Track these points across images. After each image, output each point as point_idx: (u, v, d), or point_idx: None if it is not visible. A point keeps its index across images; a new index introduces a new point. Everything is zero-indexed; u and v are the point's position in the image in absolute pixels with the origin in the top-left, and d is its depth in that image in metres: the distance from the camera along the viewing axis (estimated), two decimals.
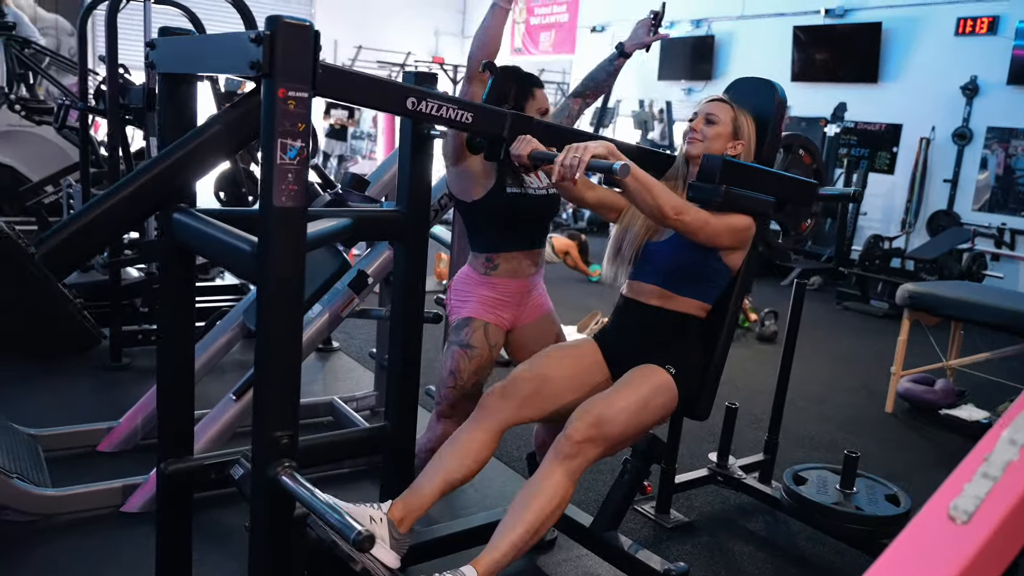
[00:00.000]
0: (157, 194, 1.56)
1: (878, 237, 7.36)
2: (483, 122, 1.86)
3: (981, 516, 0.70)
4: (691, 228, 1.93)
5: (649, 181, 1.85)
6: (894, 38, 8.24)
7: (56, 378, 3.72)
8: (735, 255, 2.08)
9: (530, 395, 2.02)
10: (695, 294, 2.09)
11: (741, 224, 2.02)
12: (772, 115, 2.18)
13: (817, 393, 4.55)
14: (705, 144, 2.12)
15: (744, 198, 2.00)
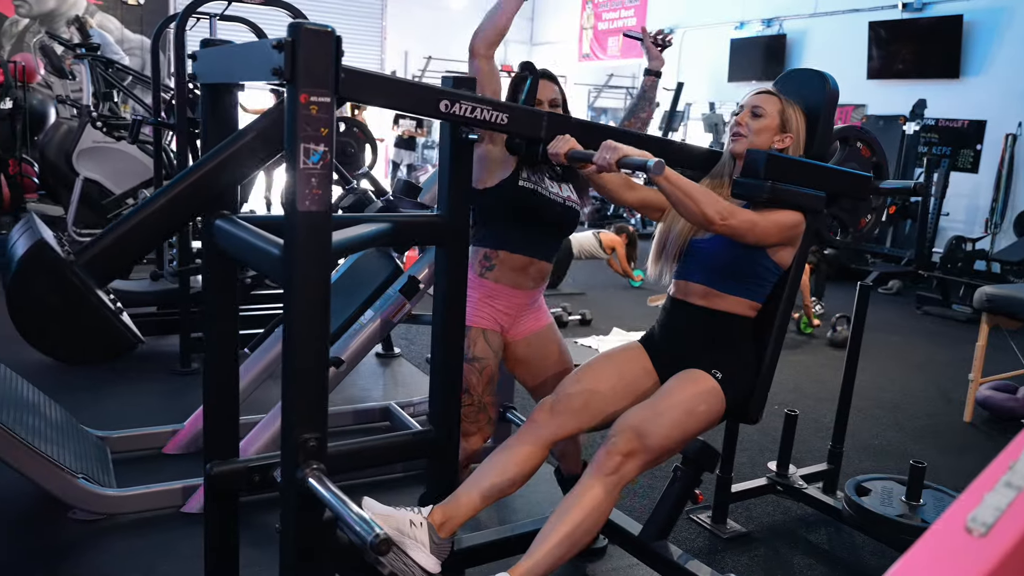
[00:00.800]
0: (193, 202, 1.60)
1: (961, 238, 7.04)
2: (520, 122, 1.85)
3: (1000, 529, 0.64)
4: (739, 231, 1.88)
5: (687, 185, 1.80)
6: (976, 31, 7.90)
7: (127, 383, 3.87)
8: (785, 252, 2.00)
9: (579, 409, 2.00)
10: (743, 292, 2.02)
11: (790, 220, 1.94)
12: (823, 107, 2.09)
13: (891, 401, 4.38)
14: (750, 139, 2.04)
15: (791, 194, 1.92)
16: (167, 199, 1.56)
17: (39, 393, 2.92)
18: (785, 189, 1.91)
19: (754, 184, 1.90)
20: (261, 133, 1.58)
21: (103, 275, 1.55)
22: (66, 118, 8.25)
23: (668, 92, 10.74)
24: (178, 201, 1.57)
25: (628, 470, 1.83)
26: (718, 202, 1.84)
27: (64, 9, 11.91)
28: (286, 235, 1.38)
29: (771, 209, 1.92)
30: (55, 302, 1.45)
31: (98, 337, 1.52)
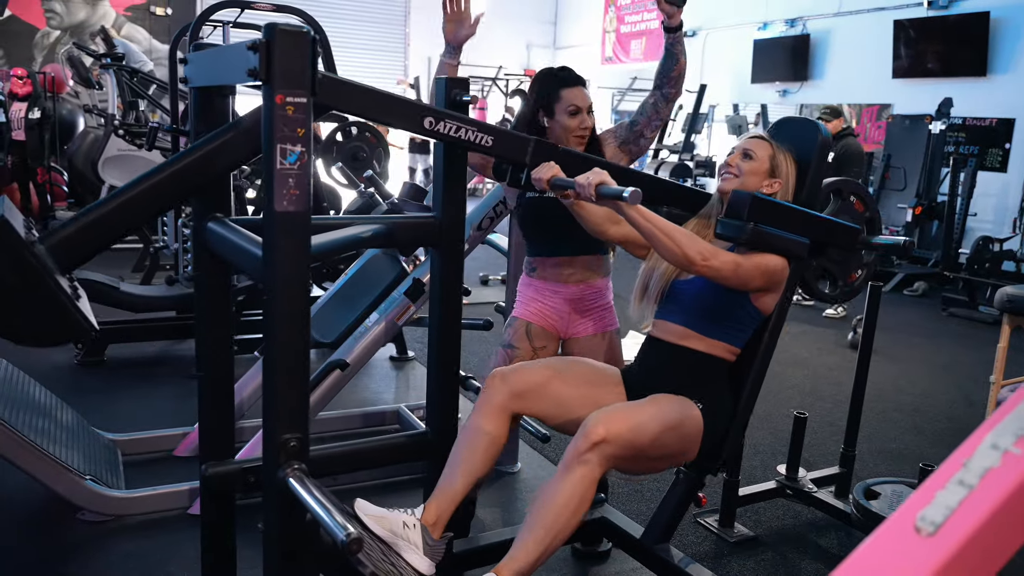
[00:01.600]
0: (163, 198, 1.60)
1: (988, 239, 6.90)
2: (505, 146, 1.84)
3: (949, 528, 0.62)
4: (721, 274, 1.84)
5: (666, 224, 1.79)
6: (1004, 28, 7.76)
7: (141, 387, 3.93)
8: (767, 298, 1.96)
9: (531, 388, 1.94)
10: (723, 336, 1.98)
11: (773, 265, 1.90)
12: (814, 156, 2.07)
13: (911, 404, 4.30)
14: (740, 180, 2.03)
15: (774, 237, 1.88)
16: (137, 193, 1.56)
17: (51, 395, 2.97)
18: (768, 232, 1.87)
19: (737, 225, 1.86)
20: (241, 131, 1.58)
21: (66, 260, 1.55)
22: (93, 127, 8.41)
23: (691, 94, 10.68)
24: (148, 196, 1.57)
25: (603, 456, 1.74)
26: (700, 243, 1.82)
27: (94, 20, 12.15)
28: (264, 236, 1.39)
29: (754, 252, 1.89)
30: (10, 281, 1.46)
31: (51, 321, 1.52)
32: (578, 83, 2.35)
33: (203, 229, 1.81)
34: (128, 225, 1.61)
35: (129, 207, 1.56)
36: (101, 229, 1.56)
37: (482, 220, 2.92)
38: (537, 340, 2.39)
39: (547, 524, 1.73)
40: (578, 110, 2.30)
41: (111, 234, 1.60)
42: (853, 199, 2.26)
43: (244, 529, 2.10)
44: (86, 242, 1.55)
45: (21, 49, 11.78)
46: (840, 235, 2.02)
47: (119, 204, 1.55)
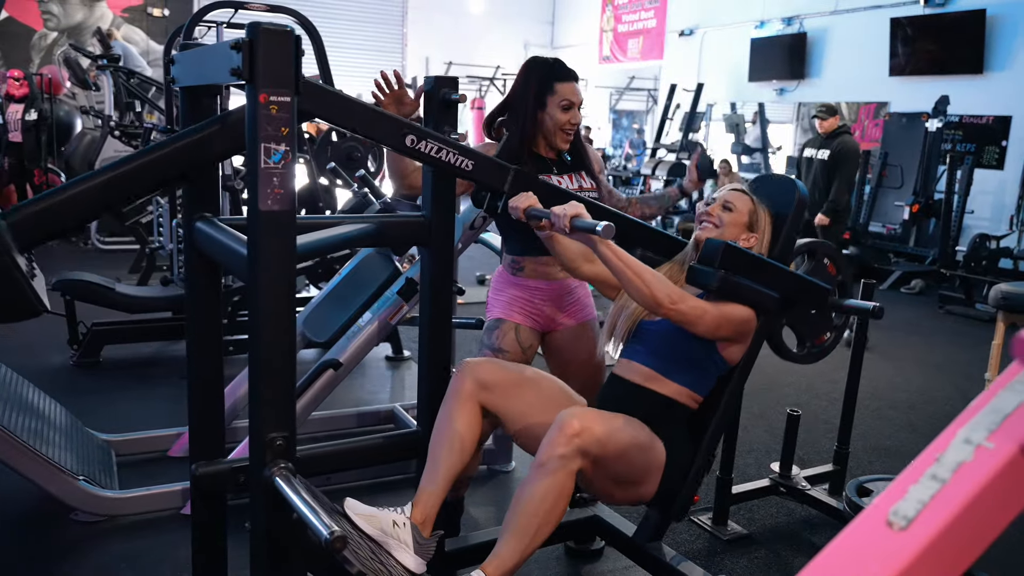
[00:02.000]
0: (132, 186, 1.58)
1: (985, 236, 6.90)
2: (484, 173, 1.83)
3: (921, 523, 0.62)
4: (688, 318, 1.83)
5: (636, 264, 1.78)
6: (1000, 25, 7.76)
7: (136, 388, 3.93)
8: (734, 348, 1.95)
9: (499, 383, 1.93)
10: (686, 382, 1.96)
11: (741, 315, 1.90)
12: (791, 213, 2.08)
13: (907, 402, 4.30)
14: (720, 231, 2.03)
15: (744, 288, 1.88)
16: (108, 179, 1.53)
17: (44, 396, 2.97)
18: (737, 281, 1.87)
19: (708, 272, 1.86)
20: (224, 127, 1.58)
21: (25, 238, 1.54)
22: (90, 128, 8.42)
23: (688, 93, 10.69)
24: (118, 183, 1.54)
25: (572, 452, 1.71)
26: (669, 285, 1.81)
27: (91, 22, 12.15)
28: (249, 235, 1.39)
29: (723, 302, 1.89)
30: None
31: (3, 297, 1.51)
32: (572, 78, 2.36)
33: (192, 229, 1.81)
34: (94, 211, 1.58)
35: (95, 193, 1.52)
36: (64, 211, 1.52)
37: (475, 219, 2.92)
38: (525, 341, 2.38)
39: (527, 521, 1.73)
40: (571, 105, 2.30)
41: (74, 218, 1.57)
42: (827, 261, 2.26)
43: (236, 529, 2.10)
44: (47, 223, 1.52)
45: (18, 51, 11.78)
46: (810, 293, 2.01)
47: (85, 189, 1.52)
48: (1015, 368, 0.72)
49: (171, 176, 1.63)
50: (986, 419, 0.69)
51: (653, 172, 10.54)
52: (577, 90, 2.34)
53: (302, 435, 3.11)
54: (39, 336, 4.48)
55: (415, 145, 1.64)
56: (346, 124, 1.61)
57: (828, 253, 2.26)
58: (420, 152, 1.66)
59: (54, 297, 4.14)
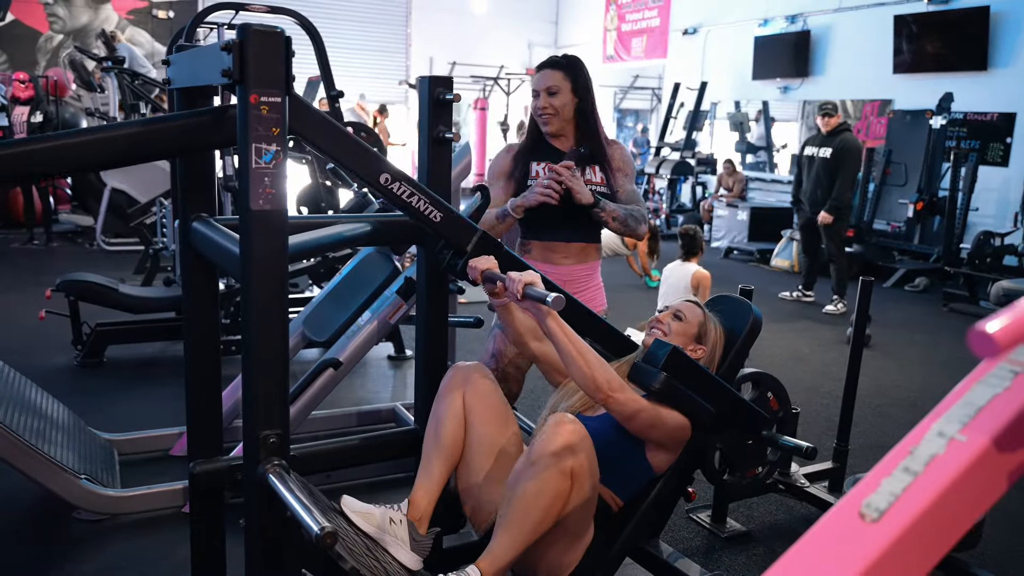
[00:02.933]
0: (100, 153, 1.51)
1: (989, 234, 6.88)
2: (451, 228, 1.78)
3: (892, 515, 0.63)
4: (624, 409, 1.80)
5: (582, 345, 1.77)
6: (1004, 22, 7.73)
7: (139, 387, 3.95)
8: (662, 455, 1.93)
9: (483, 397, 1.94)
10: (611, 483, 1.93)
11: (675, 423, 1.87)
12: (743, 334, 2.07)
13: (909, 399, 4.29)
14: (668, 338, 2.02)
15: (682, 395, 1.86)
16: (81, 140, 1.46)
17: (47, 396, 2.99)
18: (678, 388, 1.85)
19: (651, 372, 1.85)
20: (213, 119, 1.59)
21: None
22: None
23: (692, 92, 10.69)
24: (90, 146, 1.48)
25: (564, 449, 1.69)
26: (610, 372, 1.79)
27: (96, 24, 12.20)
28: (241, 234, 1.40)
29: (661, 406, 1.87)
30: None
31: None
32: (545, 66, 2.42)
33: (188, 229, 1.82)
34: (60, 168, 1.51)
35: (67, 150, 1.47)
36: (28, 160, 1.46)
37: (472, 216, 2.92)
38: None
39: (521, 517, 1.73)
40: (537, 92, 2.38)
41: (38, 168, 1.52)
42: (770, 395, 2.21)
43: (234, 527, 2.12)
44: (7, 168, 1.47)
45: (24, 53, 11.84)
46: (747, 417, 1.98)
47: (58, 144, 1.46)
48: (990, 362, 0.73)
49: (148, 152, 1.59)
50: (959, 412, 0.70)
51: (657, 171, 10.55)
52: (544, 76, 2.40)
53: (304, 434, 3.15)
54: (43, 337, 4.51)
55: (388, 184, 1.61)
56: (324, 149, 1.56)
57: (773, 387, 2.22)
58: (392, 192, 1.62)
59: (58, 298, 4.19)
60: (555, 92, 2.39)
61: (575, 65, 2.45)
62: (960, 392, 0.69)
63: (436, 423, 1.93)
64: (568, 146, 2.47)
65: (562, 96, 2.40)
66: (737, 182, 10.38)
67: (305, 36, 3.98)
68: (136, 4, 12.62)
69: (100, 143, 1.50)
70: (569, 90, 2.41)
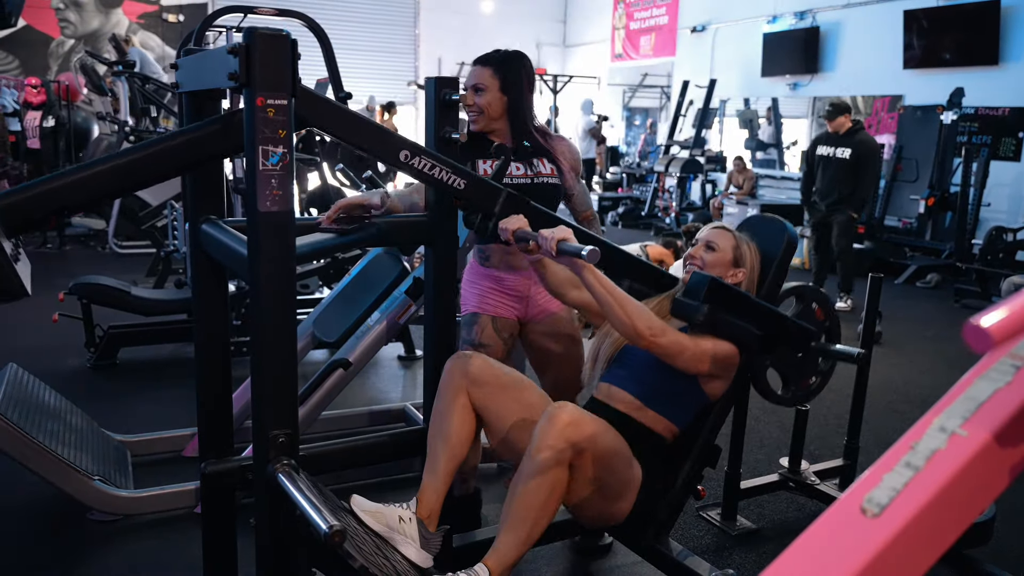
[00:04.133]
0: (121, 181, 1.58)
1: (1001, 229, 6.83)
2: (476, 192, 1.84)
3: (894, 510, 0.63)
4: (668, 352, 1.83)
5: (620, 293, 1.79)
6: (1016, 16, 7.68)
7: (153, 389, 3.98)
8: (716, 383, 1.95)
9: (489, 380, 1.93)
10: (665, 412, 1.96)
11: (722, 351, 1.89)
12: (779, 253, 2.07)
13: (921, 396, 4.28)
14: (706, 270, 2.03)
15: (727, 323, 1.87)
16: (101, 169, 1.53)
17: (61, 398, 3.02)
18: (722, 317, 1.86)
19: (693, 305, 1.86)
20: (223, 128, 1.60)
21: (13, 222, 1.54)
22: (107, 134, 8.52)
23: (701, 89, 10.67)
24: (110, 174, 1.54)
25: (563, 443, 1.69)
26: (651, 318, 1.81)
27: (108, 29, 12.28)
28: (249, 236, 1.42)
29: (706, 336, 1.89)
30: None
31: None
32: (476, 63, 2.40)
33: (197, 231, 1.84)
34: (84, 200, 1.59)
35: (88, 183, 1.52)
36: (54, 199, 1.53)
37: None
38: (504, 331, 2.39)
39: (524, 514, 1.74)
40: (464, 88, 2.31)
41: (63, 205, 1.57)
42: (815, 306, 2.23)
43: (246, 526, 2.13)
44: (35, 208, 1.52)
45: (36, 58, 11.93)
46: (794, 334, 1.99)
47: (80, 179, 1.52)
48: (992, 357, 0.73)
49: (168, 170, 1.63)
50: (961, 407, 0.70)
51: (667, 169, 10.53)
52: (471, 73, 2.38)
53: (315, 434, 3.16)
54: (57, 339, 4.55)
55: (409, 161, 1.65)
56: (340, 135, 1.61)
57: (816, 298, 2.23)
58: (414, 168, 1.66)
59: (71, 301, 4.22)
60: (482, 89, 2.35)
61: (506, 61, 2.38)
62: (962, 387, 0.69)
63: (439, 419, 1.93)
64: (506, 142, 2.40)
65: (489, 94, 2.35)
66: (747, 180, 10.35)
67: (314, 38, 4.00)
68: (147, 8, 12.69)
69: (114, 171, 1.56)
70: (497, 88, 2.35)
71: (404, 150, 1.65)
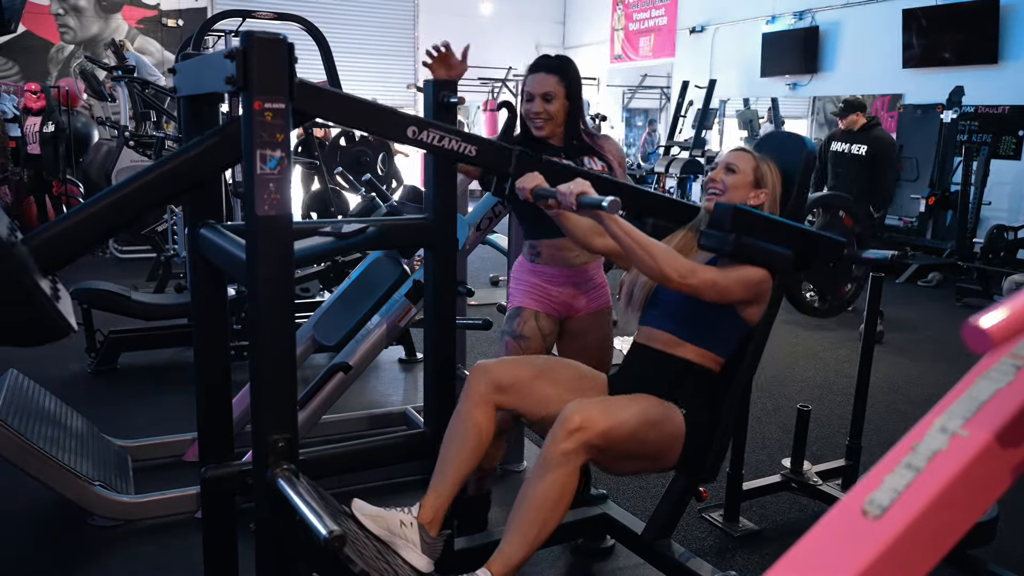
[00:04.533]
0: (144, 201, 1.62)
1: (1002, 227, 6.83)
2: (488, 156, 1.86)
3: (895, 511, 0.63)
4: (699, 291, 1.84)
5: (644, 238, 1.79)
6: (1015, 14, 7.68)
7: (153, 394, 3.98)
8: (752, 309, 1.94)
9: (514, 383, 1.94)
10: (708, 344, 1.97)
11: (754, 277, 1.89)
12: (799, 169, 2.07)
13: (923, 396, 4.27)
14: (726, 195, 2.02)
15: (757, 249, 1.87)
16: (119, 197, 1.58)
17: (61, 404, 3.02)
18: (750, 243, 1.85)
19: (719, 236, 1.86)
20: (225, 137, 1.61)
21: (48, 262, 1.57)
22: (107, 139, 8.52)
23: (701, 90, 10.66)
24: (130, 200, 1.59)
25: (575, 448, 1.72)
26: (677, 260, 1.82)
27: (107, 34, 12.29)
28: (247, 240, 1.41)
29: (736, 265, 1.89)
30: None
31: (29, 320, 1.55)
32: (540, 69, 2.39)
33: (196, 235, 1.84)
34: (110, 229, 1.64)
35: (110, 211, 1.57)
36: (83, 232, 1.58)
37: (481, 220, 2.93)
38: (545, 328, 2.42)
39: (531, 518, 1.73)
40: (531, 96, 2.35)
41: (93, 237, 1.62)
42: (842, 213, 2.22)
43: (246, 531, 2.13)
44: (68, 244, 1.57)
45: (36, 64, 11.94)
46: (825, 248, 1.99)
47: (101, 208, 1.57)
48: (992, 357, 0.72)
49: (180, 188, 1.66)
50: (962, 408, 0.69)
51: (667, 170, 10.52)
52: (539, 80, 2.37)
53: (316, 437, 3.16)
54: (57, 344, 4.53)
55: (417, 136, 1.66)
56: (347, 121, 1.67)
57: (843, 205, 2.23)
58: (423, 142, 1.68)
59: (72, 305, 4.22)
60: (552, 97, 2.37)
61: (567, 67, 2.42)
62: (963, 387, 0.69)
63: (454, 426, 1.93)
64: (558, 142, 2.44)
65: (558, 101, 2.37)
66: None
67: (313, 42, 4.00)
68: (145, 13, 12.71)
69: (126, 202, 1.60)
70: (563, 95, 2.38)
71: (411, 126, 1.66)
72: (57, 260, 1.59)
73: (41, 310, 1.52)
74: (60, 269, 1.63)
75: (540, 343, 2.43)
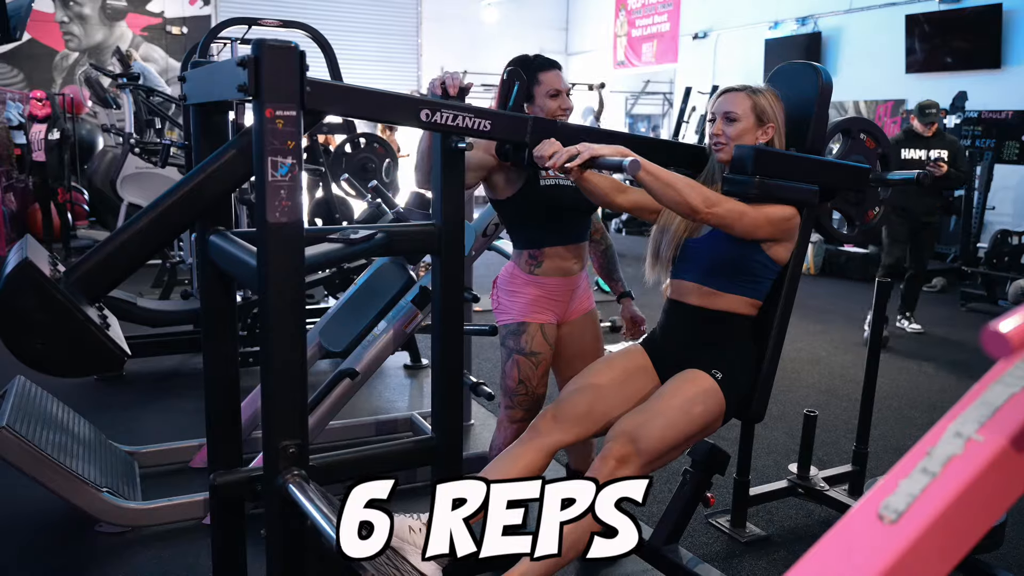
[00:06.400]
0: (177, 220, 1.65)
1: (1007, 232, 6.82)
2: (503, 128, 1.87)
3: (911, 516, 0.63)
4: (726, 221, 1.85)
5: (668, 176, 1.79)
6: (1017, 19, 7.69)
7: (160, 400, 3.99)
8: (780, 247, 1.96)
9: (582, 415, 1.99)
10: (741, 290, 1.99)
11: (782, 214, 1.91)
12: (815, 100, 2.05)
13: (928, 401, 4.26)
14: (732, 146, 2.00)
15: (781, 188, 1.88)
16: (153, 217, 1.61)
17: (68, 410, 3.02)
18: (775, 184, 1.87)
19: (743, 180, 1.87)
20: (241, 149, 1.62)
21: (92, 292, 1.60)
22: (112, 146, 8.55)
23: (703, 96, 10.67)
24: (163, 219, 1.61)
25: (623, 475, 1.80)
26: (704, 191, 1.82)
27: (112, 42, 12.34)
28: (258, 247, 1.42)
29: (763, 204, 1.90)
30: (41, 319, 1.50)
31: (84, 352, 1.57)
32: (555, 66, 2.37)
33: (206, 242, 1.84)
34: (148, 252, 1.66)
35: (147, 234, 1.60)
36: (123, 258, 1.60)
37: (487, 227, 2.94)
38: (551, 338, 2.42)
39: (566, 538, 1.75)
40: (558, 92, 2.31)
41: (133, 262, 1.64)
42: (863, 136, 2.20)
43: (255, 537, 2.13)
44: (109, 272, 1.60)
45: (41, 71, 11.99)
46: (849, 177, 2.02)
47: (137, 232, 1.59)
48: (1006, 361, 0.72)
49: (209, 203, 1.68)
50: (976, 412, 0.69)
51: None
52: (561, 77, 2.36)
53: (322, 443, 3.16)
54: None
55: (431, 119, 1.66)
56: (360, 113, 1.67)
57: (864, 128, 2.21)
58: (437, 124, 1.68)
59: None
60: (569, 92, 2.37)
61: None
62: (977, 392, 0.69)
63: (505, 457, 1.99)
64: None
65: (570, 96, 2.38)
66: None
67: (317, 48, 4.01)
68: (150, 21, 12.76)
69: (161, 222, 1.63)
70: None
71: (424, 109, 1.66)
72: (100, 289, 1.60)
73: (94, 342, 1.54)
74: (104, 296, 1.65)
75: (549, 356, 2.42)
